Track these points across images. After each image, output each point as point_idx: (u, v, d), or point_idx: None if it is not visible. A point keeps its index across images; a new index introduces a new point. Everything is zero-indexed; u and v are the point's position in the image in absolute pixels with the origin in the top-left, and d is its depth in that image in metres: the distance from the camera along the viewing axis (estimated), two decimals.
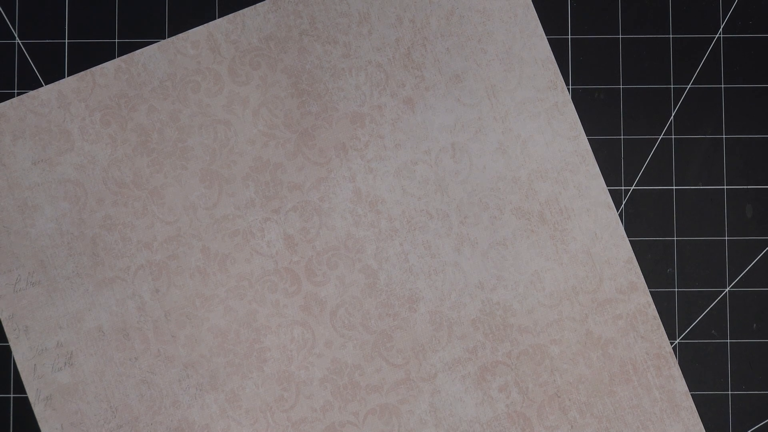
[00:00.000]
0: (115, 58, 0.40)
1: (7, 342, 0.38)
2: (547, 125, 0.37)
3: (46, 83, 0.40)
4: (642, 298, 0.36)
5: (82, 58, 0.40)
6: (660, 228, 0.38)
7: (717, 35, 0.39)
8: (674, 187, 0.39)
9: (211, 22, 0.37)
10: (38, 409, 0.35)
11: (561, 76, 0.38)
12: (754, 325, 0.38)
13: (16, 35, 0.40)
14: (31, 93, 0.37)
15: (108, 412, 0.35)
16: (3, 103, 0.37)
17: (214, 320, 0.36)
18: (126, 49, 0.41)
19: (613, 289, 0.37)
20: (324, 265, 0.36)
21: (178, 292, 0.36)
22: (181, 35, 0.37)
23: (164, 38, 0.40)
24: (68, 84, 0.37)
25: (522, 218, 0.37)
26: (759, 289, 0.38)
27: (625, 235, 0.37)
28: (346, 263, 0.36)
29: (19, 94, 0.40)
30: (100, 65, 0.37)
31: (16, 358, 0.36)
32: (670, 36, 0.39)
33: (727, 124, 0.39)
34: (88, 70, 0.37)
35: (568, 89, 0.38)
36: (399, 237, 0.36)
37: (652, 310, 0.36)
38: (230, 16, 0.37)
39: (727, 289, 0.38)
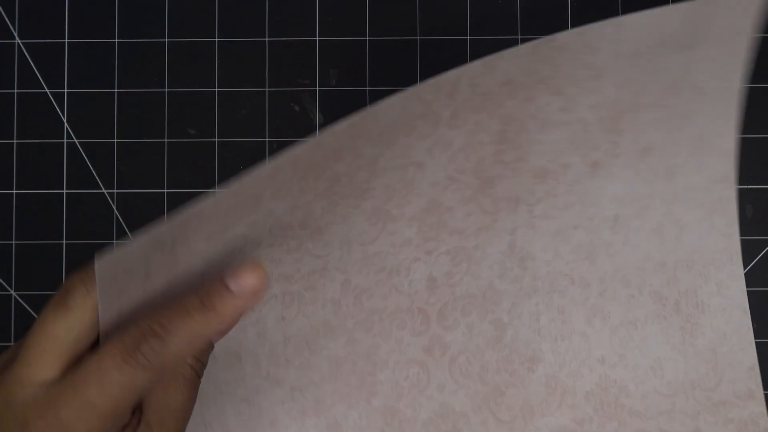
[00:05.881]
0: (115, 58, 0.41)
1: (8, 342, 0.39)
2: (707, 217, 0.36)
3: (46, 83, 0.40)
4: (757, 408, 0.36)
5: (82, 58, 0.40)
6: None
7: None
8: None
9: (465, 66, 0.32)
10: None
11: (735, 171, 0.36)
12: (754, 325, 0.38)
13: (16, 35, 0.40)
14: None
15: (200, 426, 0.34)
16: None
17: (334, 349, 0.35)
18: (126, 49, 0.41)
19: (731, 392, 0.36)
20: (458, 311, 0.35)
21: (304, 320, 0.34)
22: (430, 82, 0.32)
23: (164, 39, 0.41)
24: None
25: (658, 303, 0.36)
26: (759, 289, 0.39)
27: (754, 341, 0.37)
28: (480, 313, 0.35)
29: (19, 94, 0.40)
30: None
31: None
32: None
33: None
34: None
35: None
36: (537, 296, 0.36)
37: (765, 422, 0.36)
38: (488, 58, 0.32)
39: None
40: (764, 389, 0.38)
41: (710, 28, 0.32)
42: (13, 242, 0.40)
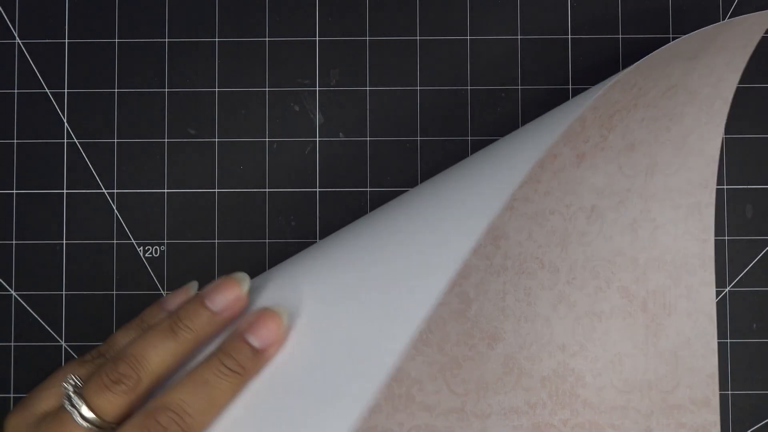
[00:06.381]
0: (115, 58, 0.41)
1: (8, 342, 0.39)
2: (683, 220, 0.37)
3: (46, 83, 0.40)
4: (711, 417, 0.36)
5: (82, 58, 0.40)
6: None
7: None
8: None
9: None
10: None
11: (716, 178, 0.37)
12: (754, 325, 0.38)
13: (16, 35, 0.40)
14: None
15: None
16: None
17: None
18: (126, 48, 0.41)
19: (687, 397, 0.36)
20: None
21: None
22: None
23: (164, 39, 0.41)
24: None
25: (625, 298, 0.36)
26: (759, 289, 0.39)
27: (716, 349, 0.37)
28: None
29: (19, 94, 0.40)
30: None
31: None
32: (670, 36, 0.39)
33: (727, 124, 0.39)
34: None
35: (568, 90, 0.39)
36: (505, 275, 0.36)
37: (716, 431, 0.36)
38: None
39: (727, 289, 0.38)
40: (760, 389, 0.38)
41: (715, 41, 0.33)
42: (13, 242, 0.40)
